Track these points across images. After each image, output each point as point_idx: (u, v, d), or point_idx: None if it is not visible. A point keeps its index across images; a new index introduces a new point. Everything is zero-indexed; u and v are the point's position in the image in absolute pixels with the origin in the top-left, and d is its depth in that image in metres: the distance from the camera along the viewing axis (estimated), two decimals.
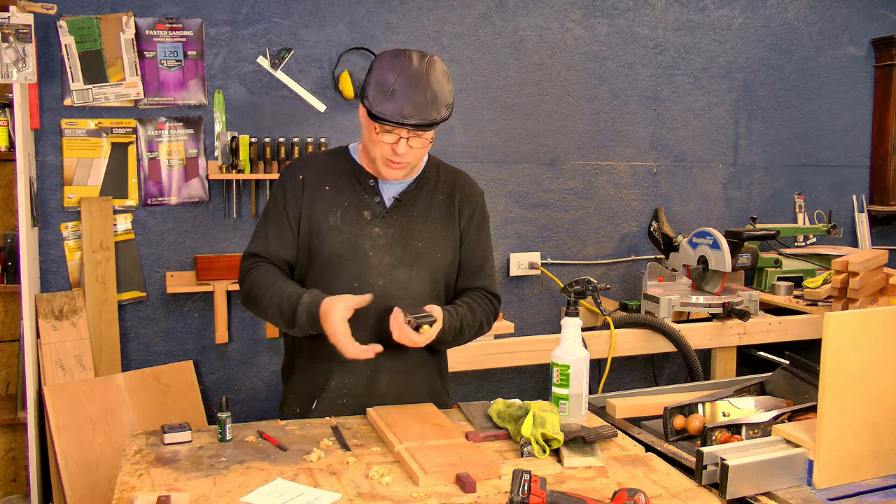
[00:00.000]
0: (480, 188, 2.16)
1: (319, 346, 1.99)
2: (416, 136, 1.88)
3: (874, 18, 4.43)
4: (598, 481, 1.64)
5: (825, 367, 1.61)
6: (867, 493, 1.63)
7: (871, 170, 4.52)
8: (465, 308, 2.03)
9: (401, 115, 1.82)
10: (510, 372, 3.86)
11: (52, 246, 3.26)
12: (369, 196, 2.01)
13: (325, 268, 1.99)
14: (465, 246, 2.09)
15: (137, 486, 1.59)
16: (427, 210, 2.04)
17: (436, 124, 1.87)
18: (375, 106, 1.84)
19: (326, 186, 2.01)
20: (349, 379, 2.01)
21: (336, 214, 1.99)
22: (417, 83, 1.85)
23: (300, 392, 2.06)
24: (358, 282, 1.97)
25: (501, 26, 3.77)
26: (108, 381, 3.11)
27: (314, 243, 1.99)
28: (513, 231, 3.88)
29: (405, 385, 2.05)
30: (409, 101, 1.83)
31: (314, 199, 2.00)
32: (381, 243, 1.99)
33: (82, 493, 2.92)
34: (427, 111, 1.84)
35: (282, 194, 2.02)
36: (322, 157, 2.10)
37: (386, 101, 1.83)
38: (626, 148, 4.03)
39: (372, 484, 1.61)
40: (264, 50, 3.43)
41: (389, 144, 1.89)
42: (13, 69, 2.89)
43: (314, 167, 2.05)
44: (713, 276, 3.54)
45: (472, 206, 2.10)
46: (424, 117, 1.84)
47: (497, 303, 2.13)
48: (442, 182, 2.09)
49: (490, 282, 2.13)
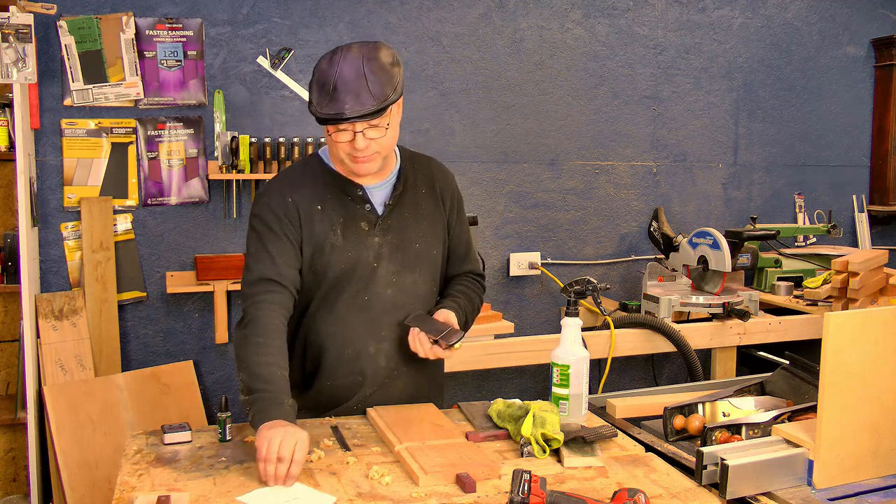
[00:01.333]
0: (451, 171, 2.18)
1: (342, 363, 1.98)
2: (368, 126, 1.83)
3: (874, 18, 4.43)
4: (598, 481, 1.64)
5: (825, 367, 1.61)
6: (867, 493, 1.63)
7: (871, 170, 4.52)
8: (463, 299, 2.08)
9: (342, 111, 1.79)
10: (510, 372, 3.86)
11: (52, 246, 3.26)
12: (360, 206, 1.97)
13: (333, 286, 1.96)
14: (452, 235, 2.12)
15: (137, 486, 1.59)
16: (416, 208, 2.03)
17: (381, 111, 1.82)
18: (320, 109, 1.81)
19: (318, 206, 1.95)
20: (370, 391, 2.01)
21: (336, 233, 1.94)
22: (356, 74, 1.80)
23: (317, 407, 2.02)
24: (367, 294, 1.96)
25: (501, 26, 3.77)
26: (108, 381, 3.11)
27: (318, 266, 1.94)
28: (513, 231, 3.88)
29: (417, 386, 2.07)
30: (350, 94, 1.79)
31: (311, 222, 1.94)
32: (383, 252, 1.98)
33: (82, 493, 2.92)
34: (369, 100, 1.80)
35: (275, 218, 1.92)
36: (297, 174, 2.00)
37: (328, 102, 1.80)
38: (626, 148, 4.03)
39: (372, 484, 1.61)
40: (264, 50, 3.43)
41: (348, 142, 1.85)
42: (13, 69, 2.89)
43: (297, 188, 1.96)
44: (713, 276, 3.54)
45: (451, 193, 2.12)
46: (367, 107, 1.80)
47: (483, 281, 2.21)
48: (419, 175, 2.07)
49: (475, 264, 2.20)
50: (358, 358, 1.98)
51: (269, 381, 1.75)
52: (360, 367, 1.99)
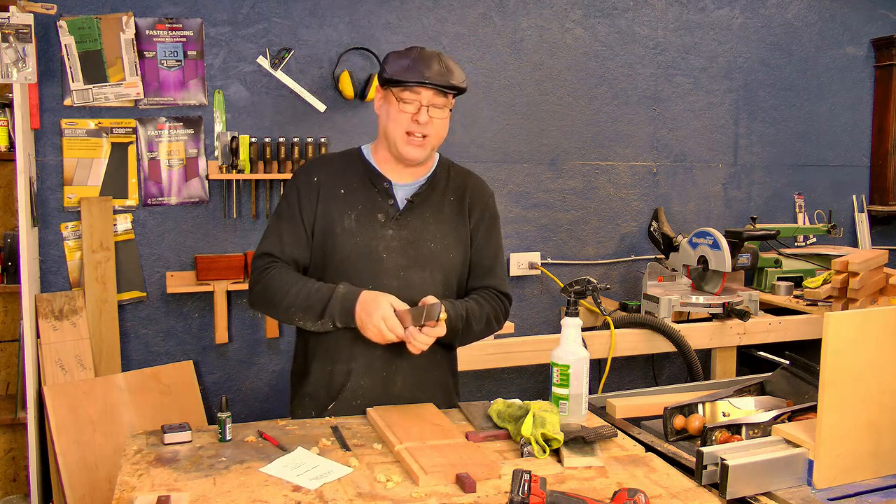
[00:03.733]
0: (491, 189, 2.19)
1: (336, 349, 2.01)
2: (434, 105, 1.95)
3: (874, 18, 4.43)
4: (598, 481, 1.64)
5: (825, 367, 1.61)
6: (867, 493, 1.63)
7: (871, 170, 4.52)
8: (470, 301, 2.04)
9: (422, 75, 1.92)
10: (510, 372, 3.86)
11: (52, 246, 3.26)
12: (383, 199, 2.03)
13: (340, 270, 1.99)
14: (476, 247, 2.11)
15: (137, 486, 1.59)
16: (438, 211, 2.06)
17: (455, 89, 1.96)
18: (399, 72, 1.93)
19: (341, 190, 2.03)
20: (365, 381, 2.02)
21: (350, 217, 2.00)
22: (432, 58, 1.96)
23: (315, 395, 2.06)
24: (372, 284, 1.97)
25: (501, 26, 3.77)
26: (108, 381, 3.11)
27: (328, 246, 2.01)
28: (513, 231, 3.88)
29: (419, 386, 2.06)
30: (428, 68, 1.93)
31: (329, 202, 2.02)
32: (394, 245, 2.00)
33: (82, 493, 2.92)
34: (446, 76, 1.94)
35: (295, 196, 2.04)
36: (335, 159, 2.11)
37: (410, 67, 1.93)
38: (626, 148, 4.03)
39: (372, 484, 1.61)
40: (264, 50, 3.43)
41: (410, 115, 1.95)
42: (13, 69, 2.89)
43: (328, 170, 2.07)
44: (713, 276, 3.54)
45: (482, 207, 2.12)
46: (445, 79, 1.94)
47: (507, 302, 2.14)
48: (452, 183, 2.11)
49: (499, 282, 2.13)
50: (355, 342, 1.98)
51: (310, 282, 1.95)
52: (356, 351, 1.99)
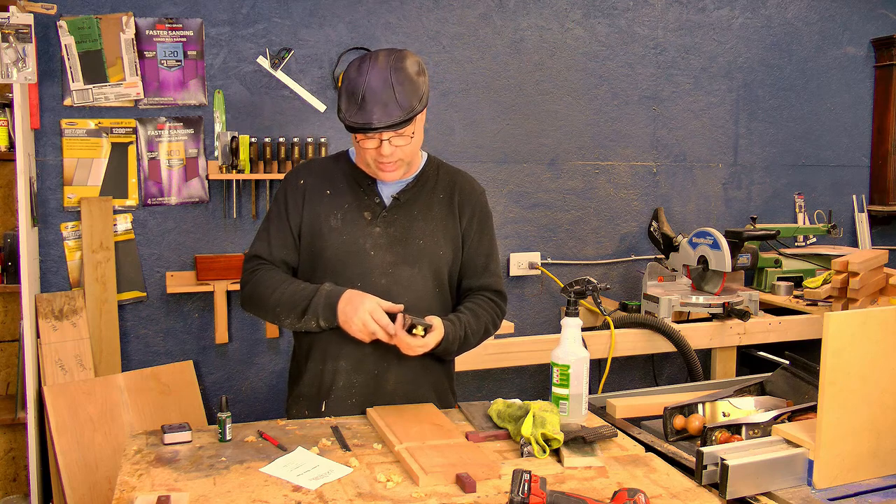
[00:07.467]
0: (481, 186, 2.18)
1: (327, 347, 2.02)
2: (394, 135, 1.91)
3: (874, 18, 4.43)
4: (598, 481, 1.64)
5: (825, 367, 1.61)
6: (867, 493, 1.63)
7: (871, 170, 4.52)
8: (468, 315, 2.04)
9: (370, 121, 1.86)
10: (510, 372, 3.86)
11: (52, 246, 3.26)
12: (368, 197, 2.05)
13: (328, 269, 2.02)
14: (468, 246, 2.11)
15: (137, 486, 1.59)
16: (427, 208, 2.07)
17: (407, 121, 1.89)
18: (348, 117, 1.89)
19: (327, 191, 2.06)
20: (356, 378, 2.03)
21: (337, 217, 2.03)
22: (384, 84, 1.87)
23: (309, 394, 2.07)
24: (361, 281, 1.99)
25: (501, 26, 3.77)
26: (108, 381, 3.11)
27: (316, 246, 2.03)
28: (513, 231, 3.88)
29: (413, 385, 2.07)
30: (378, 104, 1.86)
31: (315, 204, 2.04)
32: (381, 242, 2.02)
33: (82, 493, 2.92)
34: (396, 110, 1.87)
35: (283, 199, 2.07)
36: (324, 162, 2.14)
37: (356, 111, 1.87)
38: (626, 148, 4.03)
39: (372, 484, 1.61)
40: (264, 50, 3.43)
41: (374, 149, 1.93)
42: (13, 69, 2.89)
43: (316, 172, 2.09)
44: (713, 276, 3.54)
45: (473, 206, 2.12)
46: (394, 118, 1.87)
47: (502, 301, 2.15)
48: (441, 181, 2.11)
49: (495, 279, 2.14)
50: (344, 340, 1.99)
51: (297, 282, 1.99)
52: (345, 350, 2.00)
